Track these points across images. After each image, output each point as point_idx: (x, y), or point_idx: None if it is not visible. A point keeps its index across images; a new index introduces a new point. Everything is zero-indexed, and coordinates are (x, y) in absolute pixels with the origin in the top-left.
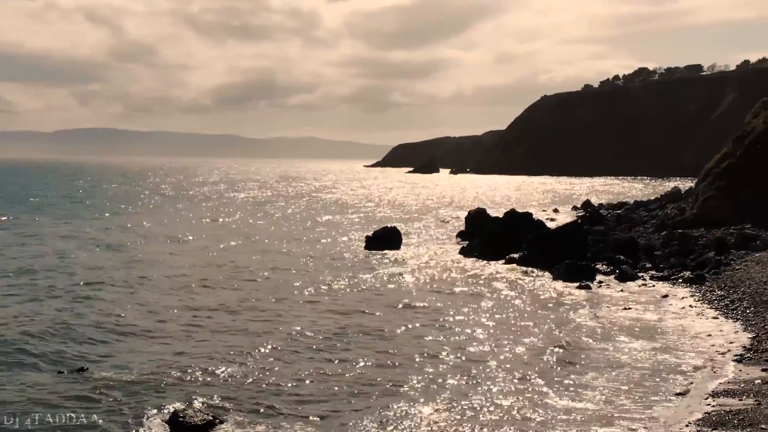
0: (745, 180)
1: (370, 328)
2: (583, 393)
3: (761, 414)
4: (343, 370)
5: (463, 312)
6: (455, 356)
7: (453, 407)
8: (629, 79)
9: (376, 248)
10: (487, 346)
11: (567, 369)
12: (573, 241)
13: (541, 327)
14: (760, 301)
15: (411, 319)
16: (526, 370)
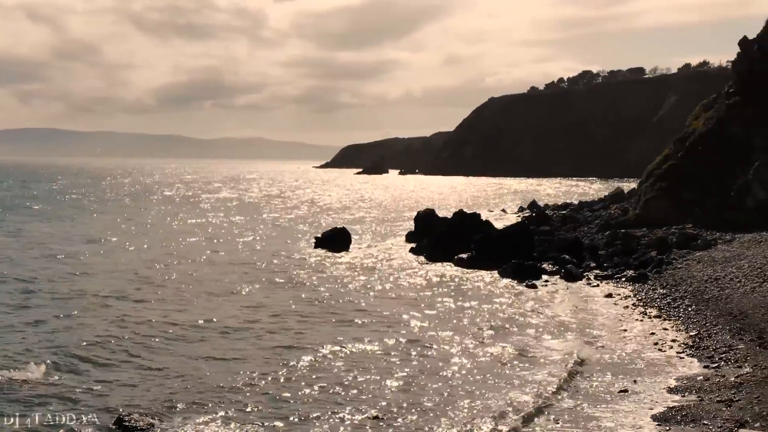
0: (686, 181)
1: (314, 328)
2: (525, 389)
3: (704, 410)
4: (284, 372)
5: (410, 312)
6: (400, 355)
7: (396, 405)
8: (574, 81)
9: (326, 249)
10: (433, 347)
11: (512, 366)
12: (520, 241)
13: (486, 326)
14: (701, 299)
15: (357, 319)
16: (470, 368)
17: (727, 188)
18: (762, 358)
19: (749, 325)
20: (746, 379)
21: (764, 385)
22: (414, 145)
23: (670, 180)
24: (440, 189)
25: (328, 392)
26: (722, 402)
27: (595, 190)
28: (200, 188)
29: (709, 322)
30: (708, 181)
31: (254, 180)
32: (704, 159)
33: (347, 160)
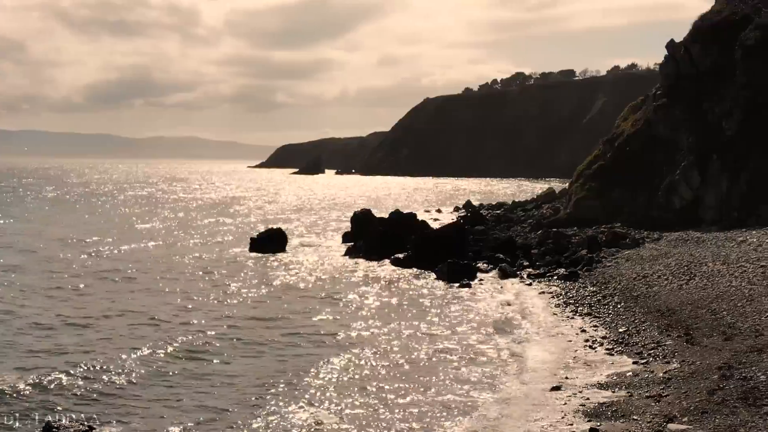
0: (615, 181)
1: (248, 328)
2: (458, 388)
3: (633, 405)
4: (216, 376)
5: (346, 312)
6: (329, 356)
7: (329, 408)
8: (507, 83)
9: (261, 250)
10: (366, 347)
11: (445, 365)
12: (455, 241)
13: (421, 325)
14: (630, 296)
15: (291, 319)
16: (403, 368)
17: (655, 188)
18: (689, 353)
19: (676, 322)
20: (674, 374)
21: (691, 380)
22: (350, 145)
23: (600, 180)
24: (377, 189)
25: (250, 394)
26: (651, 397)
27: (528, 190)
28: (131, 187)
29: (637, 319)
30: (636, 181)
31: (188, 180)
32: (632, 159)
33: (283, 160)
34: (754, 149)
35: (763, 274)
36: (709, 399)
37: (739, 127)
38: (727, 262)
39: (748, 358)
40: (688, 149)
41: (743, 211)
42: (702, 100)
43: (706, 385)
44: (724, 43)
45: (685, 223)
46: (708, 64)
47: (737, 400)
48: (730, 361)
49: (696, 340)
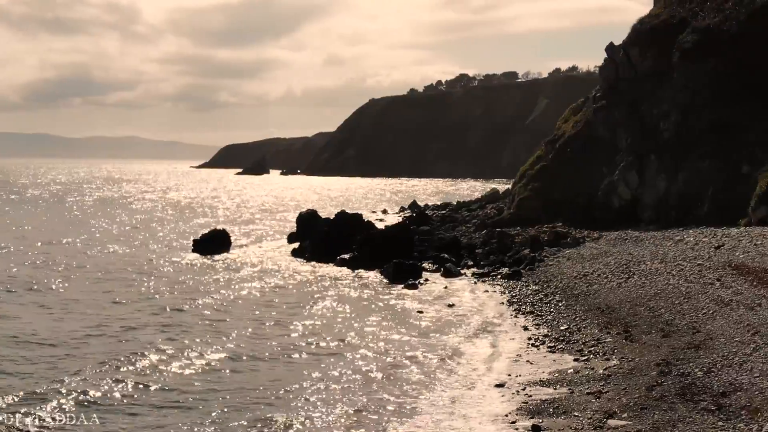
0: (557, 181)
1: (188, 325)
2: (402, 387)
3: (574, 402)
4: (153, 378)
5: (288, 313)
6: (273, 357)
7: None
8: (451, 84)
9: (204, 252)
10: (310, 349)
11: (392, 364)
12: (401, 241)
13: (367, 326)
14: (571, 294)
15: (230, 323)
16: (349, 369)
17: (595, 188)
18: (628, 350)
19: (616, 319)
20: (614, 371)
21: (631, 376)
22: (295, 145)
23: (542, 180)
24: (322, 189)
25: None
26: (592, 394)
27: (472, 190)
28: (74, 189)
29: (578, 317)
30: (577, 182)
31: (127, 181)
32: (573, 160)
33: (227, 160)
34: (690, 150)
35: (700, 272)
36: (648, 395)
37: (676, 129)
38: (664, 260)
39: (686, 355)
40: (626, 150)
41: (680, 211)
42: (640, 102)
43: (645, 381)
44: (662, 46)
45: (624, 223)
46: (646, 67)
47: (675, 396)
48: (668, 357)
49: (635, 338)
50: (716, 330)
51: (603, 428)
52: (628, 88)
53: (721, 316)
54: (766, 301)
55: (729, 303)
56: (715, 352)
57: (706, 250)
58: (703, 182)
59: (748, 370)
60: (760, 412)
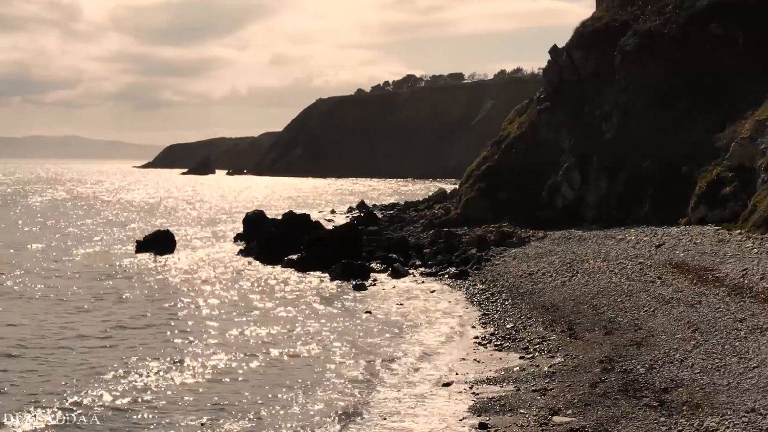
0: (503, 181)
1: (127, 331)
2: (348, 388)
3: (520, 399)
4: (87, 381)
5: (234, 315)
6: (218, 360)
7: (218, 413)
8: (398, 85)
9: (148, 253)
10: (258, 351)
11: (338, 365)
12: (349, 241)
13: (314, 325)
14: (517, 293)
15: (173, 325)
16: (294, 370)
17: (540, 188)
18: (572, 347)
19: (560, 317)
20: (558, 368)
21: (575, 373)
22: (241, 145)
23: (488, 181)
24: (269, 190)
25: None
26: (537, 391)
27: (420, 191)
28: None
29: (524, 315)
30: (522, 182)
31: (65, 181)
32: (518, 161)
33: (171, 160)
34: (631, 151)
35: (641, 270)
36: (592, 391)
37: (617, 130)
38: (607, 259)
39: (628, 352)
40: (570, 151)
41: (621, 211)
42: (583, 104)
43: (589, 378)
44: (605, 48)
45: (568, 222)
46: (589, 69)
47: (618, 392)
48: (610, 354)
49: (579, 335)
50: (657, 327)
51: (548, 425)
52: (571, 89)
53: (662, 314)
54: (705, 299)
55: (670, 301)
56: (656, 349)
57: (647, 249)
58: (644, 182)
59: (688, 366)
60: (700, 408)
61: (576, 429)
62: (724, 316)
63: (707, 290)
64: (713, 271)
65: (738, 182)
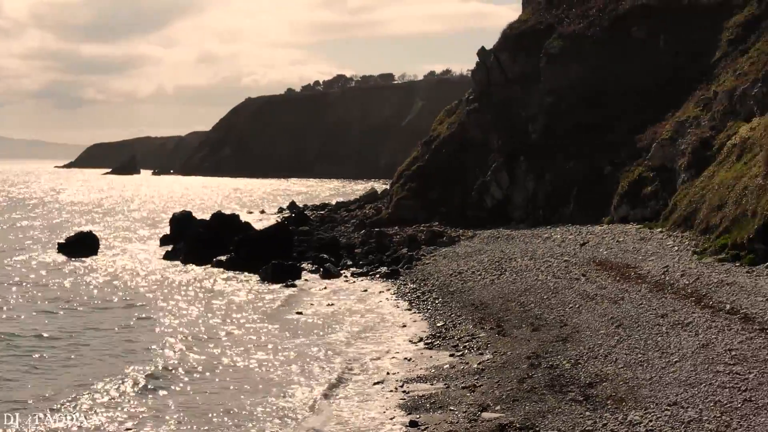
0: (433, 181)
1: (46, 337)
2: (282, 388)
3: (450, 396)
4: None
5: (160, 317)
6: (146, 363)
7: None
8: (329, 84)
9: (70, 255)
10: (186, 354)
11: (267, 366)
12: (279, 242)
13: (244, 327)
14: (447, 292)
15: (96, 329)
16: (222, 372)
17: (469, 188)
18: (501, 344)
19: (489, 315)
20: (487, 365)
21: (503, 370)
22: (168, 144)
23: (419, 181)
24: (197, 190)
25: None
26: (467, 388)
27: (351, 191)
28: None
29: (454, 313)
30: (452, 182)
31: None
32: (448, 161)
33: (94, 160)
34: (556, 151)
35: (567, 268)
36: (520, 387)
37: (543, 131)
38: (534, 257)
39: (554, 348)
40: (498, 151)
41: (548, 210)
42: (510, 105)
43: (517, 374)
44: (530, 50)
45: (496, 221)
46: (516, 71)
47: (545, 388)
48: (537, 350)
49: (507, 332)
50: (582, 323)
51: (477, 421)
52: (499, 91)
53: (586, 310)
54: (628, 295)
55: (594, 297)
56: (581, 345)
57: (572, 247)
58: (569, 182)
59: (612, 361)
60: (624, 402)
61: (504, 424)
62: (646, 311)
63: (630, 287)
64: (635, 269)
65: (659, 182)
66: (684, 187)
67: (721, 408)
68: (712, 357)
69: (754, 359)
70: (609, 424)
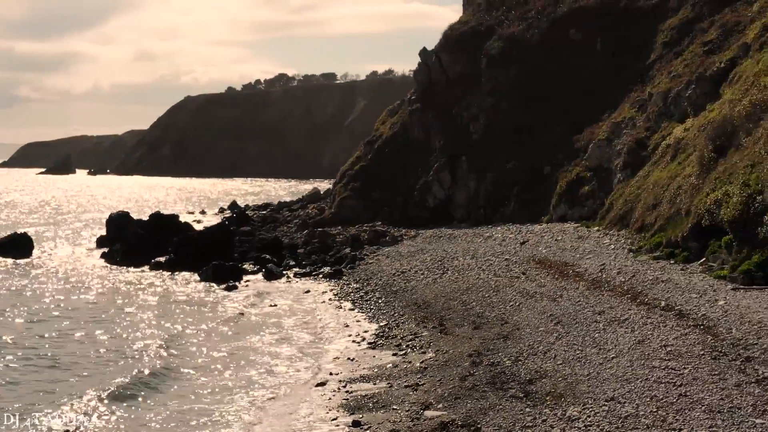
0: (376, 181)
1: None
2: (222, 391)
3: (393, 396)
4: None
5: (95, 320)
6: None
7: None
8: (270, 83)
9: (2, 256)
10: (120, 360)
11: (208, 368)
12: (220, 243)
13: (185, 329)
14: (390, 291)
15: (30, 332)
16: (164, 374)
17: (412, 188)
18: (443, 343)
19: (432, 314)
20: (430, 363)
21: (445, 368)
22: (104, 143)
23: (362, 180)
24: (135, 190)
25: None
26: (409, 387)
27: (294, 190)
28: None
29: (397, 313)
30: (395, 182)
31: None
32: (391, 161)
33: (28, 160)
34: (497, 152)
35: (507, 266)
36: (461, 385)
37: (484, 131)
38: (475, 256)
39: (495, 345)
40: (440, 151)
41: (489, 209)
42: (452, 105)
43: (459, 372)
44: (471, 52)
45: (439, 221)
46: (457, 72)
47: (486, 385)
48: (479, 348)
49: (449, 330)
50: (522, 321)
51: (420, 419)
52: (440, 91)
53: (526, 308)
54: (566, 293)
55: (534, 295)
56: (521, 342)
57: (512, 246)
58: (510, 182)
59: (552, 357)
60: (563, 398)
61: (446, 422)
62: (584, 309)
63: (568, 285)
64: (573, 267)
65: (596, 182)
66: (620, 187)
67: (657, 403)
68: (648, 353)
69: (689, 355)
70: (548, 420)
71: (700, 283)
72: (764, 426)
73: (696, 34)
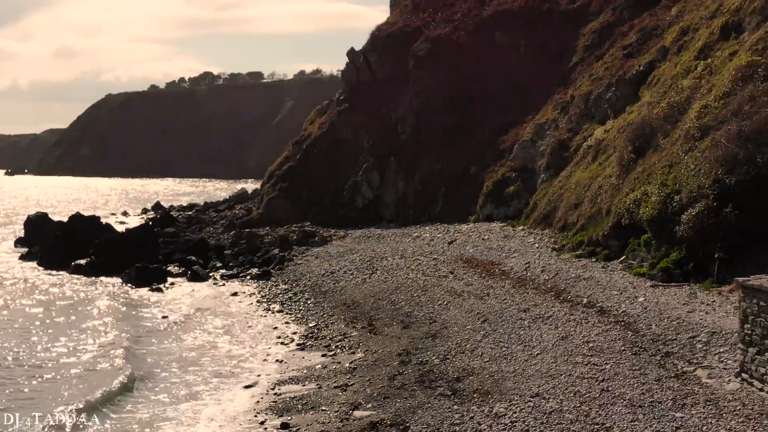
0: (304, 181)
1: None
2: (147, 394)
3: (322, 396)
4: None
5: (14, 327)
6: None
7: None
8: (195, 81)
9: None
10: (40, 366)
11: (129, 373)
12: (144, 244)
13: (106, 335)
14: (319, 292)
15: None
16: (75, 383)
17: (340, 188)
18: (372, 343)
19: (361, 314)
20: (359, 363)
21: (375, 368)
22: (21, 142)
23: (290, 181)
24: (54, 191)
25: None
26: (339, 387)
27: (220, 191)
28: None
29: (326, 313)
30: (323, 182)
31: None
32: (319, 161)
33: None
34: (425, 152)
35: (435, 266)
36: (391, 384)
37: (412, 132)
38: (404, 256)
39: (424, 344)
40: (369, 151)
41: (417, 209)
42: (381, 106)
43: (388, 371)
44: (399, 53)
45: (368, 221)
46: (385, 72)
47: (415, 384)
48: (408, 347)
49: (378, 330)
50: (451, 319)
51: (349, 420)
52: (369, 91)
53: (454, 307)
54: (493, 291)
55: (461, 294)
56: (450, 340)
57: (440, 246)
58: (437, 182)
59: (479, 355)
60: (490, 394)
61: (375, 422)
62: (510, 306)
63: (494, 283)
64: (500, 265)
65: (521, 182)
66: (543, 187)
67: (580, 398)
68: (572, 349)
69: (610, 350)
70: (476, 417)
71: (621, 281)
72: (683, 419)
73: (616, 38)
